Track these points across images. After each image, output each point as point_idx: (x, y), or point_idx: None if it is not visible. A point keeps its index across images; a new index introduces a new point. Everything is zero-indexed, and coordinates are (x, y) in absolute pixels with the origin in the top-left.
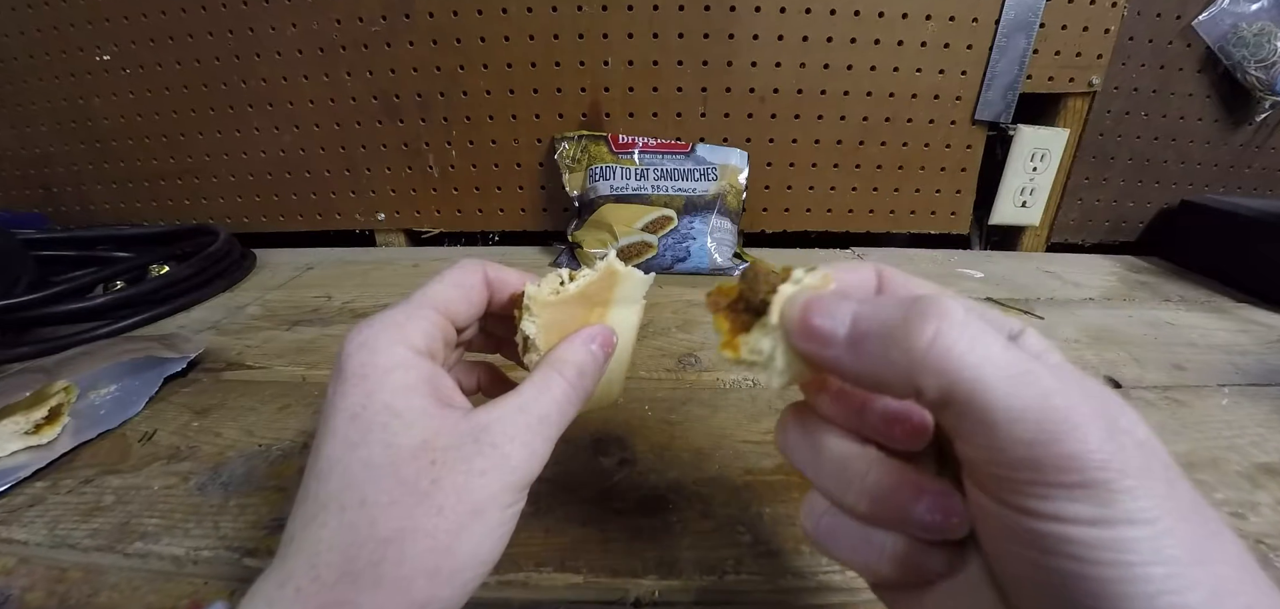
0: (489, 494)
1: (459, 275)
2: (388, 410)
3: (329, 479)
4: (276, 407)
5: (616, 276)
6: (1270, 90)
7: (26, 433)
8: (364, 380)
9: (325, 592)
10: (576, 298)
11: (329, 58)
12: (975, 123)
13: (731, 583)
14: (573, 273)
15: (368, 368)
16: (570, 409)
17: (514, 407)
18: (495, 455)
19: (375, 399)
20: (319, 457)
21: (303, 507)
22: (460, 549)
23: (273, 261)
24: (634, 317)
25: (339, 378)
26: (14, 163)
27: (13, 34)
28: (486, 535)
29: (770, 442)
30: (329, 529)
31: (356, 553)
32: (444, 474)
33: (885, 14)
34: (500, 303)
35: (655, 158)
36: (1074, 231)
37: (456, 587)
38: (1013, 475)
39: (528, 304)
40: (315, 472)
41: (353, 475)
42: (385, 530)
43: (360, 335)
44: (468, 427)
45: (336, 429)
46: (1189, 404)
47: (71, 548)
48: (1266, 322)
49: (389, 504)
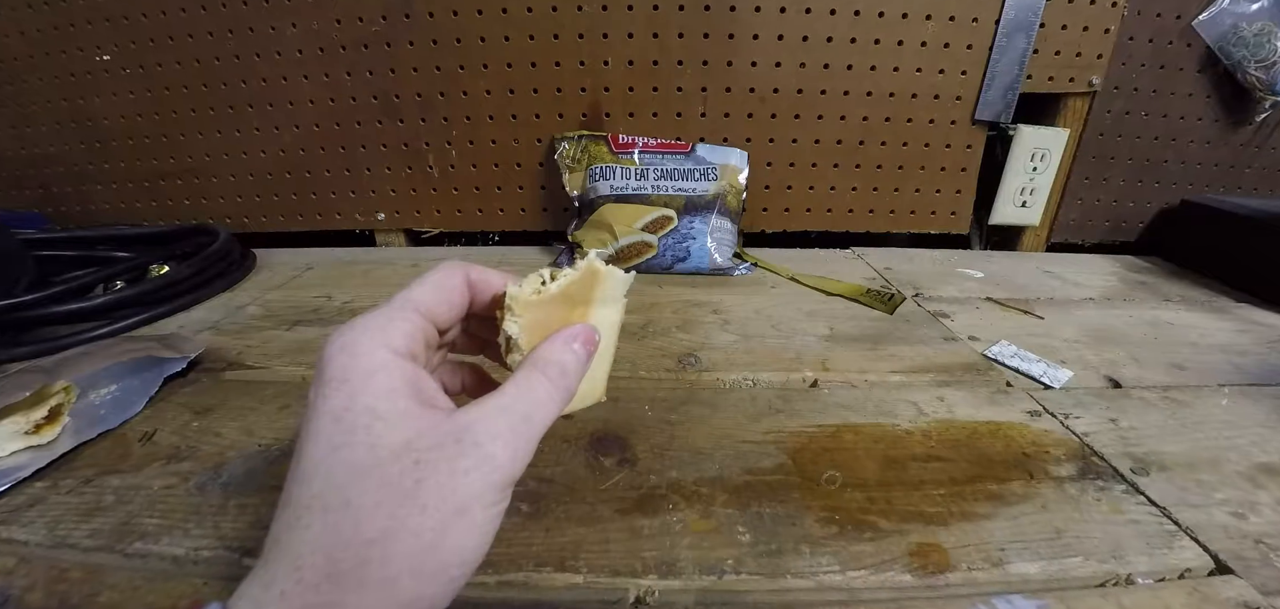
0: (473, 493)
1: (440, 277)
2: (370, 412)
3: (311, 481)
4: (276, 407)
5: (598, 276)
6: (1270, 90)
7: (26, 433)
8: (346, 383)
9: (310, 593)
10: (558, 298)
11: (329, 58)
12: (975, 123)
13: (731, 583)
14: (554, 272)
15: (349, 370)
16: (553, 408)
17: (496, 406)
18: (478, 454)
19: (357, 401)
20: (301, 459)
21: (285, 510)
22: (445, 547)
23: (273, 261)
24: (616, 315)
25: (320, 381)
26: (14, 163)
27: (13, 34)
28: (470, 533)
29: (770, 442)
30: (313, 532)
31: (341, 554)
32: (428, 473)
33: (885, 14)
34: (482, 304)
35: (655, 158)
36: (1074, 231)
37: (441, 585)
38: None
39: (509, 305)
40: (297, 474)
41: (336, 477)
42: (370, 531)
43: (341, 338)
44: (451, 426)
45: (318, 431)
46: (1189, 404)
47: (71, 548)
48: (1266, 322)
49: (373, 505)
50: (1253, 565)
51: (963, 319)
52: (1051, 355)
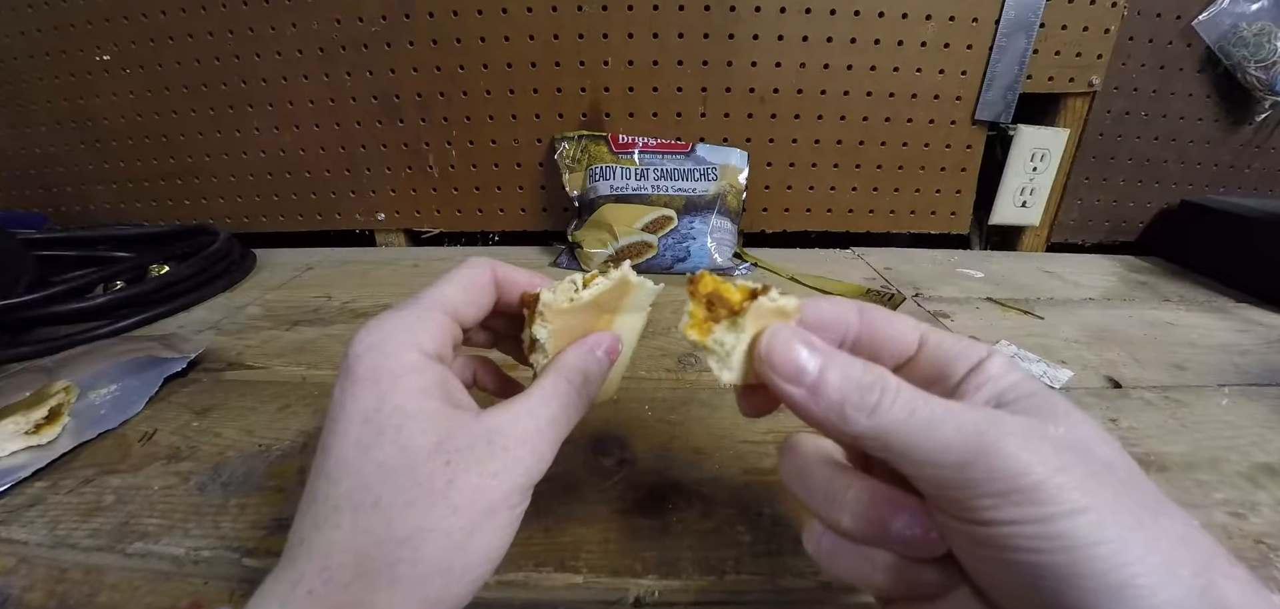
0: (501, 494)
1: (468, 276)
2: (401, 413)
3: (340, 480)
4: (276, 407)
5: (629, 286)
6: (1270, 90)
7: (26, 433)
8: (376, 383)
9: (340, 592)
10: (588, 305)
11: (329, 58)
12: (975, 123)
13: (731, 583)
14: (587, 278)
15: (380, 370)
16: (575, 414)
17: (524, 410)
18: (507, 458)
19: (388, 402)
20: (328, 457)
21: (312, 508)
22: (473, 547)
23: (273, 261)
24: (640, 322)
25: (348, 379)
26: (14, 163)
27: (13, 34)
28: (497, 533)
29: (770, 442)
30: (342, 531)
31: (372, 553)
32: (459, 475)
33: (885, 14)
34: (508, 302)
35: (655, 158)
36: (1074, 231)
37: (467, 583)
38: (957, 496)
39: (542, 310)
40: (324, 473)
41: (366, 477)
42: (402, 531)
43: (370, 337)
44: (480, 428)
45: (347, 431)
46: (1189, 404)
47: (71, 548)
48: (1266, 322)
49: (406, 505)
50: (1253, 565)
51: (963, 319)
52: (1051, 355)
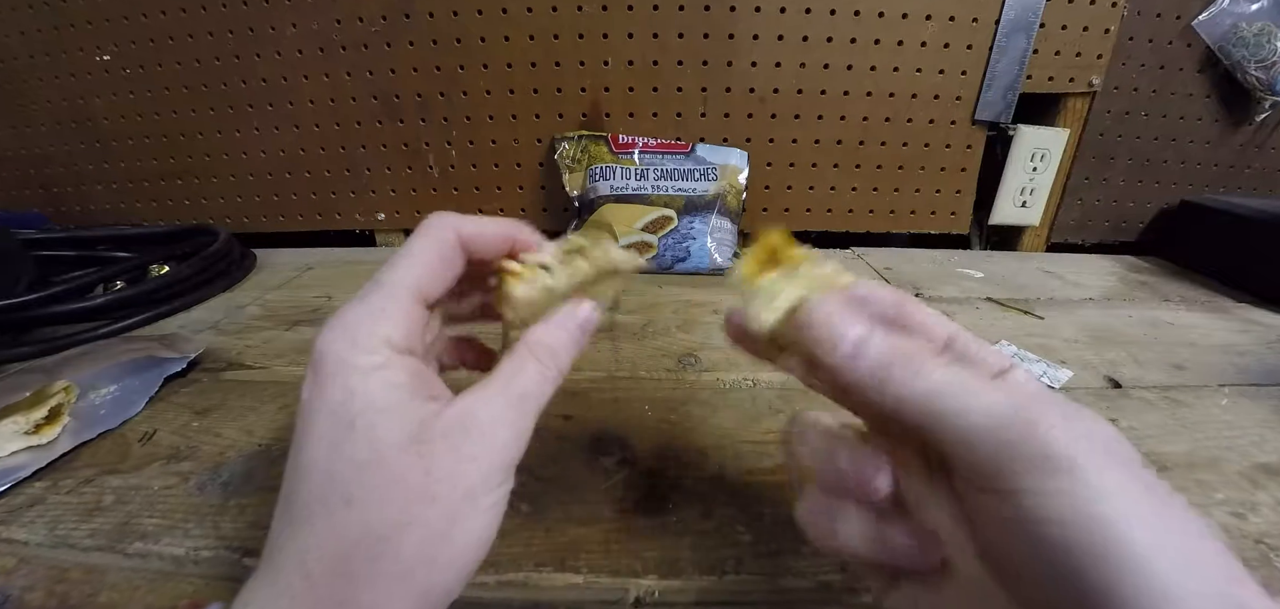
0: (479, 477)
1: (429, 249)
2: (371, 407)
3: (311, 479)
4: (276, 406)
5: (617, 272)
6: (1270, 90)
7: (26, 433)
8: (344, 378)
9: (321, 590)
10: None
11: (329, 58)
12: (975, 123)
13: (731, 583)
14: (566, 250)
15: (346, 365)
16: (547, 387)
17: (495, 389)
18: (483, 440)
19: (357, 397)
20: (300, 457)
21: (288, 509)
22: (457, 535)
23: (273, 262)
24: (619, 285)
25: (316, 377)
26: (14, 163)
27: (13, 34)
28: (479, 517)
29: (770, 441)
30: (317, 532)
31: (351, 551)
32: (434, 463)
33: (885, 14)
34: (481, 257)
35: (655, 158)
36: (1074, 231)
37: (455, 571)
38: (995, 468)
39: (512, 303)
40: (298, 473)
41: (339, 475)
42: (379, 527)
43: (335, 332)
44: (453, 413)
45: (317, 429)
46: (1189, 404)
47: (71, 548)
48: (1266, 322)
49: (381, 501)
50: (1252, 565)
51: (963, 319)
52: (1051, 355)
